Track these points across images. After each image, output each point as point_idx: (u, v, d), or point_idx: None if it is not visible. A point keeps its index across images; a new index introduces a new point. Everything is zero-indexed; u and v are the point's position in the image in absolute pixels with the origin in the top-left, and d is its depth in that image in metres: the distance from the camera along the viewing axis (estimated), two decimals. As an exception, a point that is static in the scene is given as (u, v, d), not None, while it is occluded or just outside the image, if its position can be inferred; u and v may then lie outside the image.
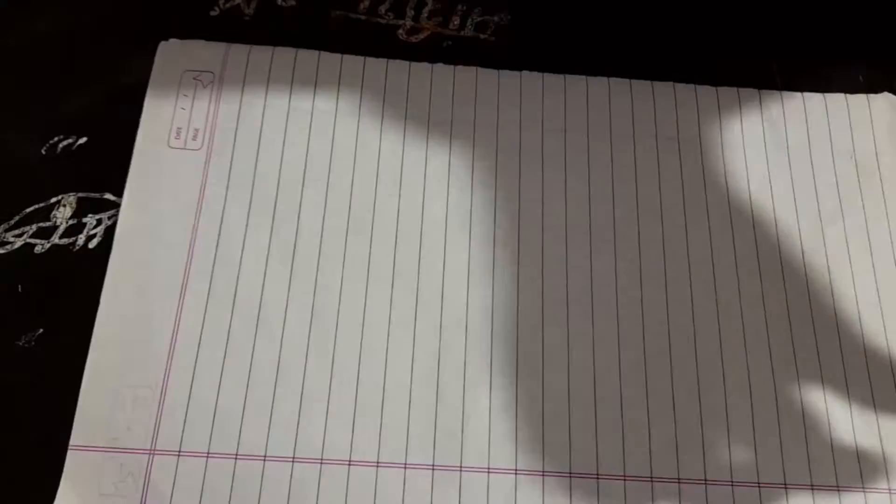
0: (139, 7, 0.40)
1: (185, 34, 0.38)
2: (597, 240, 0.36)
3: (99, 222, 0.35)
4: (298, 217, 0.35)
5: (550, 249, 0.35)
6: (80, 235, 0.35)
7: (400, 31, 0.40)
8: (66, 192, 0.35)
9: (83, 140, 0.36)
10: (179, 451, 0.31)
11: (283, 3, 0.40)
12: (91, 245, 0.34)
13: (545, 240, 0.36)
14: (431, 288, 0.34)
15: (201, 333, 0.33)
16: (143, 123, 0.36)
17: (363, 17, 0.40)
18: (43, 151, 0.36)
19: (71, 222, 0.35)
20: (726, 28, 0.41)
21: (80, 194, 0.35)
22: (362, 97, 0.38)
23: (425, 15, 0.40)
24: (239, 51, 0.38)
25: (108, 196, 0.35)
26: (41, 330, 0.33)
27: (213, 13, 0.39)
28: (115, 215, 0.35)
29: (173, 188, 0.35)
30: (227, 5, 0.40)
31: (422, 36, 0.40)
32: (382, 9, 0.40)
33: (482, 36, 0.40)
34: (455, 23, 0.40)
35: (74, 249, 0.34)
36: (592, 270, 0.35)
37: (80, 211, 0.35)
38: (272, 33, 0.39)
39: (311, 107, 0.37)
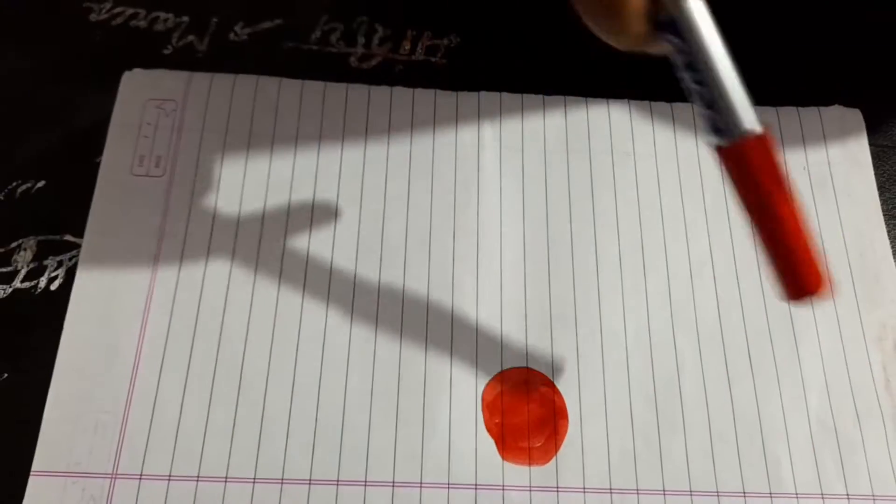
0: (92, 49, 0.40)
1: None
2: (554, 255, 0.36)
3: (60, 264, 0.35)
4: (259, 241, 0.36)
5: (510, 265, 0.36)
6: (42, 278, 0.35)
7: (352, 58, 0.41)
8: (25, 235, 0.36)
9: (41, 184, 0.37)
10: (141, 475, 0.31)
11: (236, 38, 0.41)
12: (53, 287, 0.35)
13: (503, 257, 0.36)
14: (391, 306, 0.35)
15: (163, 358, 0.33)
16: (106, 151, 0.37)
17: (315, 48, 0.41)
18: (1, 197, 0.36)
19: (32, 266, 0.35)
20: None
21: (41, 237, 0.36)
22: (323, 122, 0.38)
23: (376, 41, 0.41)
24: (201, 79, 0.39)
25: (69, 237, 0.36)
26: (6, 375, 0.33)
27: (166, 52, 0.40)
28: (76, 256, 0.35)
29: (136, 215, 0.36)
30: (180, 43, 0.40)
31: (374, 62, 0.41)
32: (334, 38, 0.41)
33: (433, 59, 0.41)
34: (406, 48, 0.41)
35: (36, 292, 0.35)
36: (550, 286, 0.36)
37: (41, 254, 0.35)
38: (226, 68, 0.39)
39: (272, 132, 0.38)
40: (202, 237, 0.35)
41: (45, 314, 0.34)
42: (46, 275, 0.35)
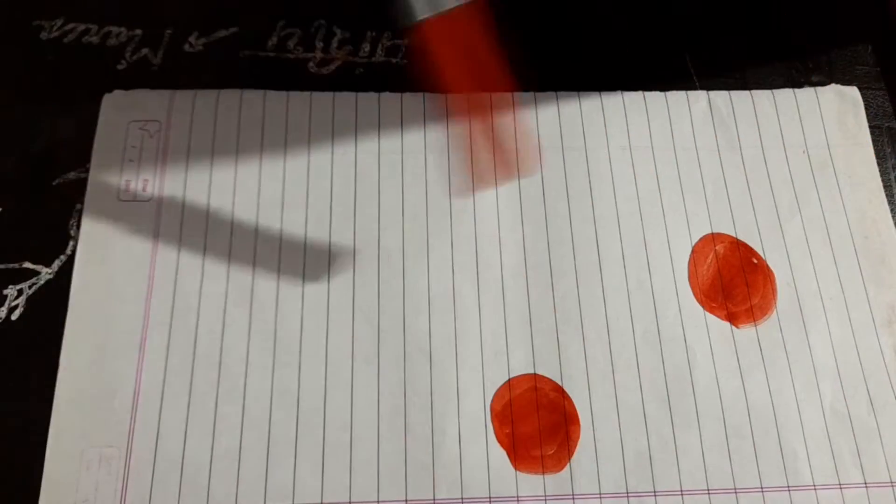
0: (45, 69, 0.39)
1: (94, 93, 0.37)
2: (555, 257, 0.36)
3: (20, 293, 0.34)
4: (254, 260, 0.35)
5: (511, 270, 0.35)
6: (2, 308, 0.34)
7: (310, 63, 0.40)
8: None
9: None
10: (149, 509, 0.31)
11: (191, 49, 0.40)
12: (13, 317, 0.34)
13: (504, 262, 0.35)
14: (392, 318, 0.34)
15: (163, 386, 0.33)
16: (91, 178, 0.36)
17: (272, 55, 0.40)
18: None
19: None
20: (635, 31, 0.41)
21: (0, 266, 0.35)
22: (311, 133, 0.37)
23: (335, 45, 0.40)
24: (184, 97, 0.38)
25: (28, 265, 0.35)
26: None
27: (120, 67, 0.39)
28: (36, 283, 0.34)
29: (126, 241, 0.35)
30: (134, 57, 0.39)
31: (333, 67, 0.40)
32: (291, 43, 0.40)
33: (394, 60, 0.40)
34: (365, 50, 0.40)
35: None
36: (553, 289, 0.35)
37: (0, 283, 0.34)
38: (183, 80, 0.38)
39: (259, 146, 0.37)
40: (195, 260, 0.35)
41: (8, 345, 0.33)
42: (7, 304, 0.34)
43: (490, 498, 0.32)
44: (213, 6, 0.41)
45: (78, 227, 0.35)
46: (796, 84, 0.40)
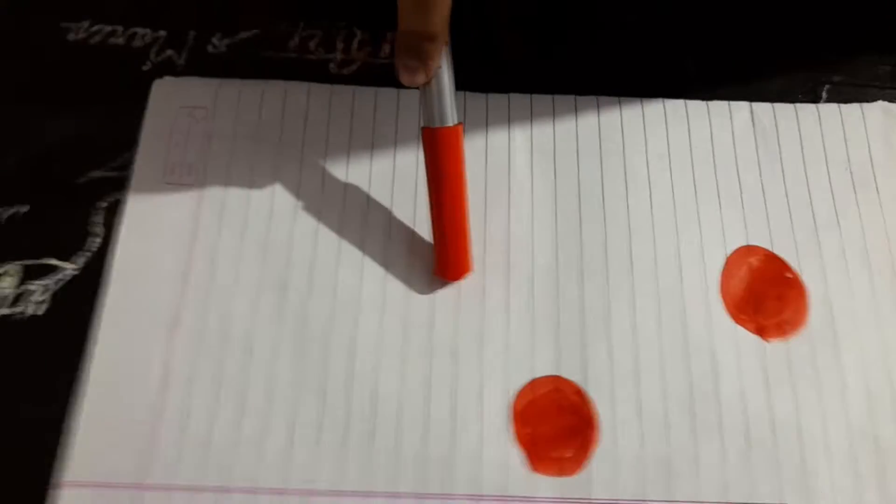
0: (71, 69, 0.40)
1: (119, 93, 0.39)
2: (587, 260, 0.36)
3: (45, 288, 0.35)
4: (290, 249, 0.36)
5: (541, 271, 0.35)
6: (28, 303, 0.35)
7: (331, 64, 0.40)
8: (8, 261, 0.36)
9: (24, 207, 0.37)
10: (171, 485, 0.32)
11: (214, 50, 0.40)
12: (39, 312, 0.35)
13: (535, 262, 0.36)
14: (421, 315, 0.35)
15: (194, 366, 0.33)
16: (138, 160, 0.37)
17: (294, 56, 0.40)
18: None
19: (16, 291, 0.35)
20: (633, 33, 0.42)
21: (25, 262, 0.36)
22: (352, 127, 0.38)
23: (355, 46, 0.41)
24: (231, 85, 0.39)
25: (52, 261, 0.36)
26: None
27: (145, 68, 0.40)
28: (61, 280, 0.35)
29: (168, 224, 0.36)
30: (159, 58, 0.40)
31: (353, 67, 0.40)
32: (312, 44, 0.41)
33: None
34: (386, 50, 0.41)
35: (23, 318, 0.35)
36: (583, 291, 0.35)
37: (25, 279, 0.35)
38: None
39: (301, 139, 0.38)
40: (233, 245, 0.36)
41: (32, 339, 0.34)
42: (32, 300, 0.35)
43: (505, 496, 0.32)
44: (236, 8, 0.42)
45: (104, 224, 0.36)
46: (817, 83, 0.40)
